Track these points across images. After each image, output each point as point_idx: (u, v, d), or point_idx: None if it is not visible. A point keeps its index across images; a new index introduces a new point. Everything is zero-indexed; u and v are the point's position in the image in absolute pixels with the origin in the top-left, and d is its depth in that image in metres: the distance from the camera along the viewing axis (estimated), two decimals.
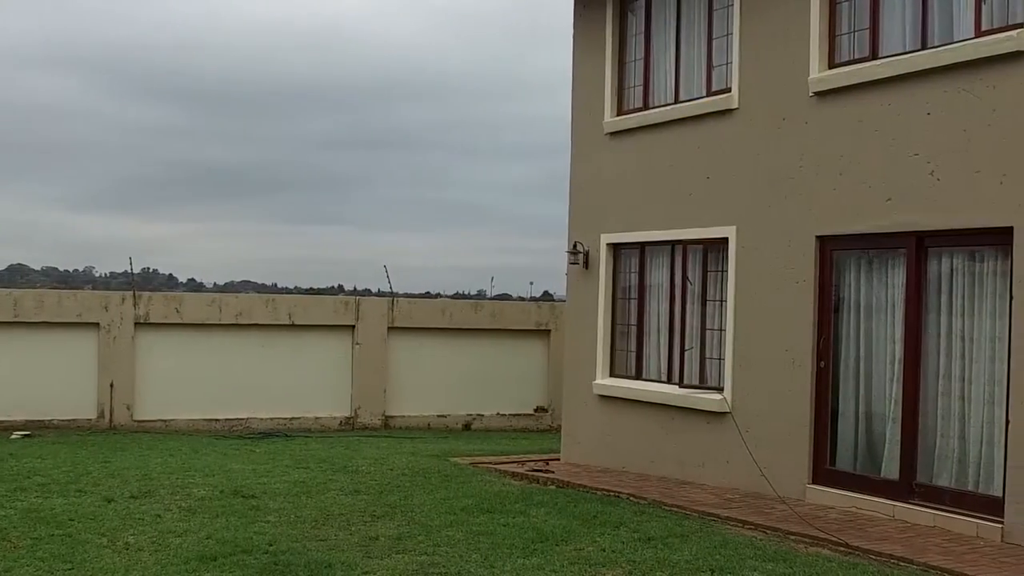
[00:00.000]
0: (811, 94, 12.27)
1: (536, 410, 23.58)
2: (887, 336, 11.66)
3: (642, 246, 14.92)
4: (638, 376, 14.98)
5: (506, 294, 32.04)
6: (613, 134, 15.32)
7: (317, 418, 22.20)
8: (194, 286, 35.75)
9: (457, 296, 29.70)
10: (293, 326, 22.27)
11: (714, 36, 13.91)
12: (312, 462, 15.42)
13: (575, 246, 15.85)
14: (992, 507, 10.36)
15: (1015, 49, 10.16)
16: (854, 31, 12.08)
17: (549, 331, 23.65)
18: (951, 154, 10.78)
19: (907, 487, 11.22)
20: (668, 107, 14.49)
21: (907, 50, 11.44)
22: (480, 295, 31.70)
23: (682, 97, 14.39)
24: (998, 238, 10.42)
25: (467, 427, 23.03)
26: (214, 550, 9.59)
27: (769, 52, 12.87)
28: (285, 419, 21.87)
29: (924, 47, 11.27)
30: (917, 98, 11.14)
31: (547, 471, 14.46)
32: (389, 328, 22.92)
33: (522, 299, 29.75)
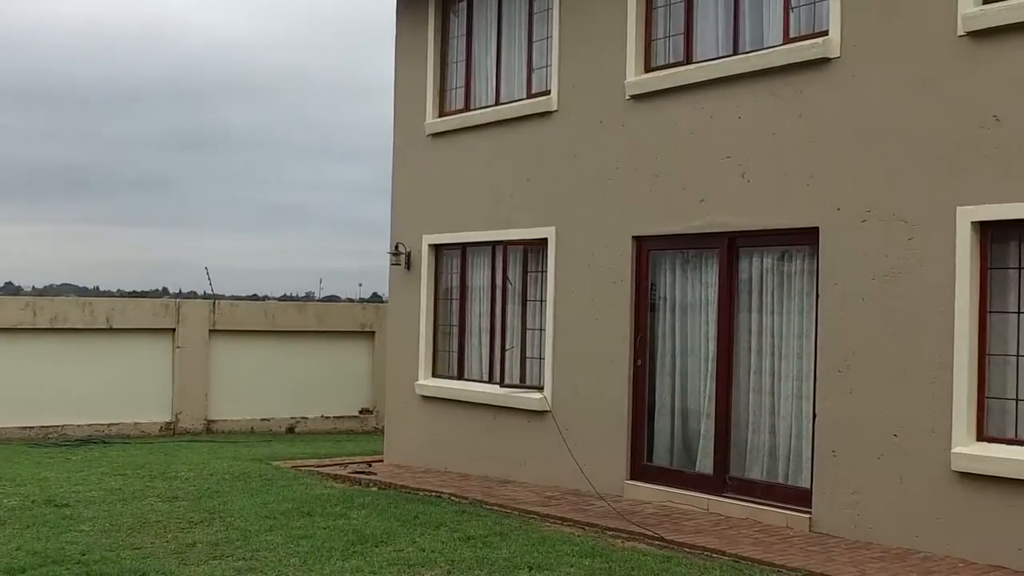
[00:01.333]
0: (628, 97, 12.40)
1: (361, 412, 23.35)
2: (701, 334, 11.87)
3: (463, 247, 14.89)
4: (460, 376, 14.94)
5: (335, 296, 31.77)
6: (435, 135, 15.26)
7: (137, 423, 21.56)
8: (11, 290, 34.49)
9: (285, 299, 29.32)
10: (111, 330, 21.58)
11: (534, 39, 13.97)
12: (130, 469, 14.95)
13: (397, 247, 15.73)
14: (801, 498, 10.62)
15: (821, 56, 10.44)
16: (669, 36, 12.27)
17: (374, 332, 23.43)
18: (761, 157, 11.02)
19: (721, 481, 11.43)
20: (489, 109, 14.50)
21: (720, 55, 11.66)
22: (308, 297, 31.38)
23: (503, 99, 14.41)
24: (805, 238, 10.70)
25: (291, 430, 22.68)
26: (23, 562, 9.19)
27: (587, 55, 12.98)
28: (103, 425, 21.19)
29: (736, 52, 11.50)
30: (729, 102, 11.36)
31: (369, 473, 14.31)
32: (211, 331, 22.40)
33: (351, 301, 29.49)
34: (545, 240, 13.42)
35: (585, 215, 12.90)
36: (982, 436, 9.37)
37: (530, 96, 13.90)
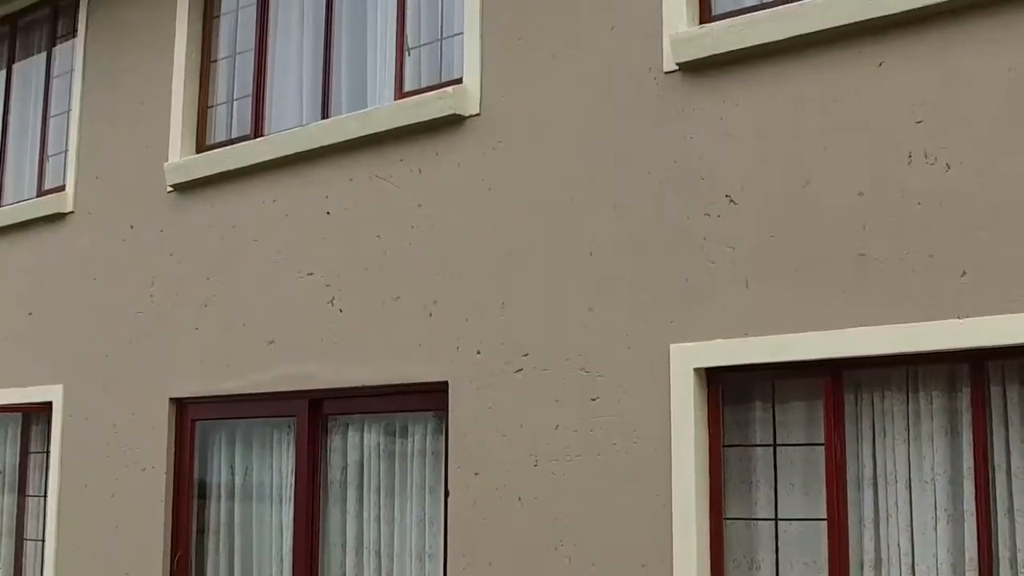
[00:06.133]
0: (169, 188, 8.00)
1: None
2: (274, 548, 7.35)
3: None
4: None
5: None
6: None
7: None
8: None
9: None
10: None
11: (51, 112, 9.39)
12: None
13: None
14: None
15: (452, 112, 6.43)
16: (233, 100, 8.03)
17: None
18: (360, 272, 6.81)
19: None
20: None
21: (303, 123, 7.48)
22: None
23: (8, 199, 9.70)
24: (428, 400, 6.50)
25: None
26: None
27: (118, 132, 8.53)
28: None
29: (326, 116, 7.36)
30: (313, 188, 7.15)
31: None
32: None
33: None
34: (50, 405, 8.65)
35: (106, 367, 8.20)
36: None
37: (41, 193, 9.27)
